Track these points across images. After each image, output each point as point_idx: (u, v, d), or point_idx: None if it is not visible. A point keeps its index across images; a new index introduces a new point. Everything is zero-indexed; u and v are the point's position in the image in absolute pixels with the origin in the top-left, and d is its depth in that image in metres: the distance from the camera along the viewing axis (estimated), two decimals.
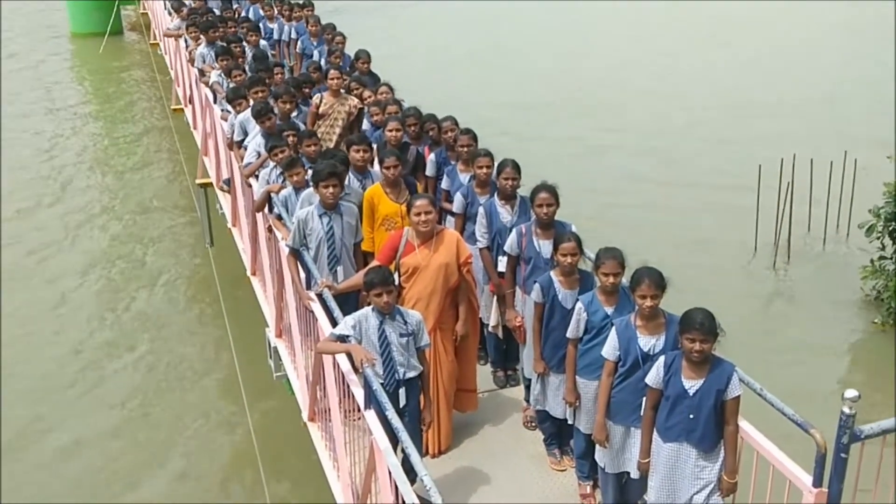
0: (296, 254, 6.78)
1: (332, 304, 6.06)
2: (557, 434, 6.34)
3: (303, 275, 6.80)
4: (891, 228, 11.02)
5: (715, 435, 4.83)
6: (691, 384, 4.78)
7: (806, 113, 19.13)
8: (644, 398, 5.07)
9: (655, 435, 5.00)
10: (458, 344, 6.43)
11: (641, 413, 5.10)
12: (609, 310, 5.48)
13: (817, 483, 4.43)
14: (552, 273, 5.94)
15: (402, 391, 5.55)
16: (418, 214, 6.09)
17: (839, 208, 13.26)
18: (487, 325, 7.14)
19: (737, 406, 4.78)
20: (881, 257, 11.47)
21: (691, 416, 4.80)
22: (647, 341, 5.13)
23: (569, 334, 5.62)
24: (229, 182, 10.37)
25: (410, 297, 6.16)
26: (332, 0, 26.93)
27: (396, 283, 6.04)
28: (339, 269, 6.74)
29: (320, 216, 6.72)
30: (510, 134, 16.90)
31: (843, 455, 4.30)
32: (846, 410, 4.23)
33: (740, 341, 10.27)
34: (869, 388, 10.14)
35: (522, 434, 6.77)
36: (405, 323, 5.55)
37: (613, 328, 5.23)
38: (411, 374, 5.59)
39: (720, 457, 4.86)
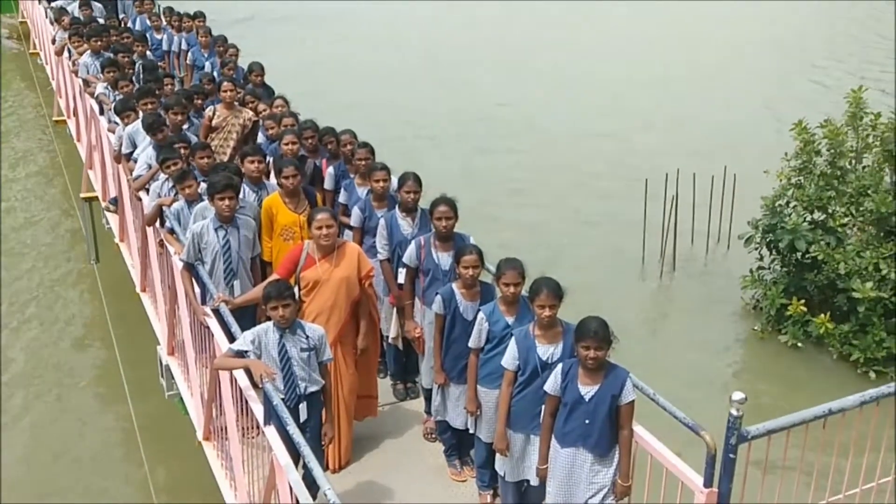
0: (190, 268, 6.62)
1: (230, 319, 5.95)
2: (458, 445, 6.38)
3: (197, 290, 6.65)
4: (768, 240, 11.57)
5: (610, 439, 4.97)
6: (587, 390, 4.90)
7: (689, 128, 19.89)
8: (542, 406, 5.16)
9: (553, 441, 5.09)
10: (358, 357, 6.40)
11: (541, 420, 5.19)
12: (510, 319, 5.57)
13: (708, 483, 4.59)
14: (453, 285, 5.99)
15: (302, 406, 5.48)
16: (319, 228, 6.05)
17: (720, 221, 13.84)
18: (387, 336, 7.14)
19: (631, 411, 4.93)
20: (759, 267, 12.03)
21: (587, 422, 4.91)
22: (546, 350, 5.23)
23: (471, 344, 5.67)
24: (116, 201, 10.05)
25: (311, 310, 6.10)
26: None
27: (297, 296, 5.98)
28: (237, 283, 6.64)
29: (216, 229, 6.61)
30: (405, 145, 16.97)
31: (731, 455, 4.48)
32: (733, 412, 4.40)
33: (630, 348, 10.55)
34: (752, 393, 10.59)
35: (423, 446, 6.79)
36: (307, 337, 5.49)
37: (513, 338, 5.29)
38: (312, 389, 5.53)
39: (615, 461, 5.00)
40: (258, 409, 5.26)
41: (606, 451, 4.98)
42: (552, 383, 5.01)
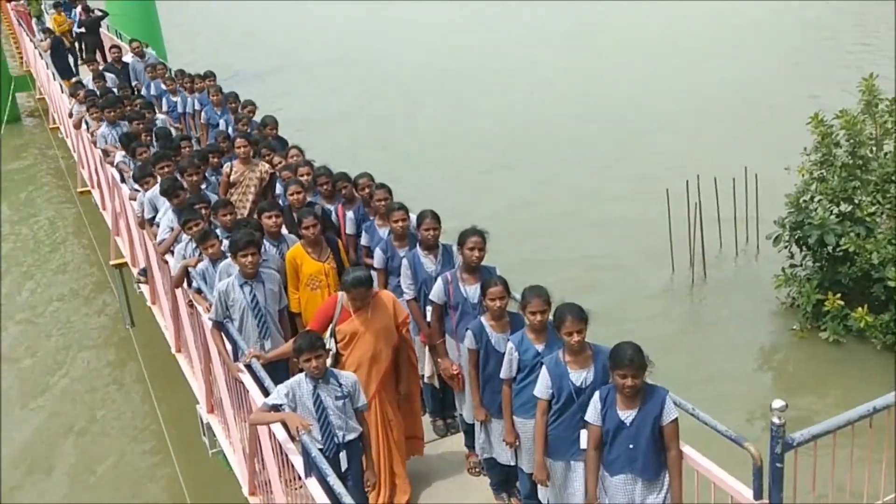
0: (220, 326, 6.67)
1: (262, 374, 5.96)
2: (505, 479, 6.33)
3: (229, 347, 6.69)
4: (797, 237, 11.46)
5: (657, 462, 4.89)
6: (627, 415, 4.84)
7: (699, 130, 19.81)
8: (581, 430, 5.11)
9: (602, 470, 5.01)
10: (401, 400, 6.39)
11: (582, 446, 5.14)
12: (539, 347, 5.53)
13: (758, 495, 4.52)
14: (482, 318, 5.95)
15: (342, 455, 5.46)
16: (354, 300, 6.00)
17: (746, 223, 13.73)
18: (423, 375, 7.12)
19: (675, 430, 4.85)
20: (791, 265, 11.90)
21: (631, 447, 4.84)
22: (578, 376, 5.18)
23: (502, 375, 5.64)
24: (145, 272, 10.19)
25: (351, 363, 6.04)
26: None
27: (333, 348, 6.01)
28: (269, 339, 6.64)
29: (241, 286, 6.61)
30: (419, 182, 17.07)
31: (778, 465, 4.41)
32: (776, 421, 4.33)
33: (667, 360, 10.48)
34: (797, 394, 10.46)
35: (468, 481, 6.73)
36: (339, 385, 5.47)
37: (543, 367, 5.24)
38: (351, 437, 5.50)
39: (665, 483, 4.91)
40: (298, 462, 5.26)
41: (655, 474, 4.90)
42: (592, 412, 4.96)
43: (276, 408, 5.39)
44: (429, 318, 6.65)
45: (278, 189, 9.31)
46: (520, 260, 12.58)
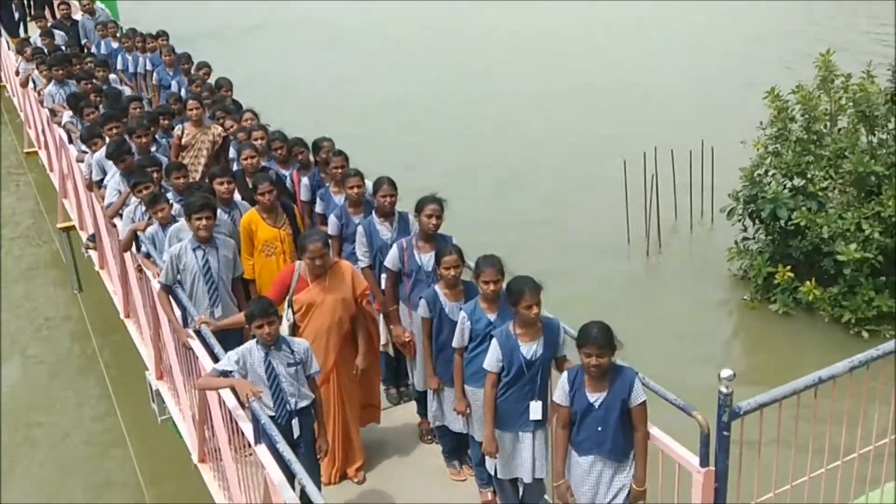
0: (168, 290, 6.54)
1: (212, 341, 5.87)
2: (456, 446, 6.34)
3: (179, 312, 6.57)
4: (750, 210, 11.58)
5: (626, 444, 4.88)
6: (596, 397, 4.81)
7: (658, 101, 19.87)
8: (530, 402, 5.16)
9: (570, 450, 4.98)
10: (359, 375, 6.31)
11: (531, 418, 5.20)
12: (492, 316, 5.52)
13: (704, 463, 4.56)
14: (436, 287, 5.93)
15: (295, 422, 5.42)
16: (312, 259, 5.91)
17: (702, 195, 13.84)
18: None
19: (643, 412, 4.80)
20: (744, 238, 12.04)
21: (599, 429, 4.82)
22: (529, 348, 5.21)
23: (454, 344, 5.64)
24: (94, 238, 9.96)
25: (308, 334, 5.97)
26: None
27: (290, 319, 5.95)
28: (219, 306, 6.53)
29: (194, 250, 6.49)
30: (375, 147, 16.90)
31: (725, 433, 4.44)
32: (723, 390, 4.36)
33: (620, 328, 10.57)
34: (747, 364, 10.64)
35: (421, 448, 6.76)
36: (292, 352, 5.42)
37: (494, 340, 5.23)
38: (303, 404, 5.46)
39: (631, 464, 4.91)
40: (248, 429, 5.20)
41: (624, 455, 4.89)
42: (560, 394, 4.91)
43: (226, 374, 5.31)
44: (383, 286, 6.62)
45: (231, 153, 9.17)
46: (472, 225, 12.52)
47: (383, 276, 6.60)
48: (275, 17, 29.88)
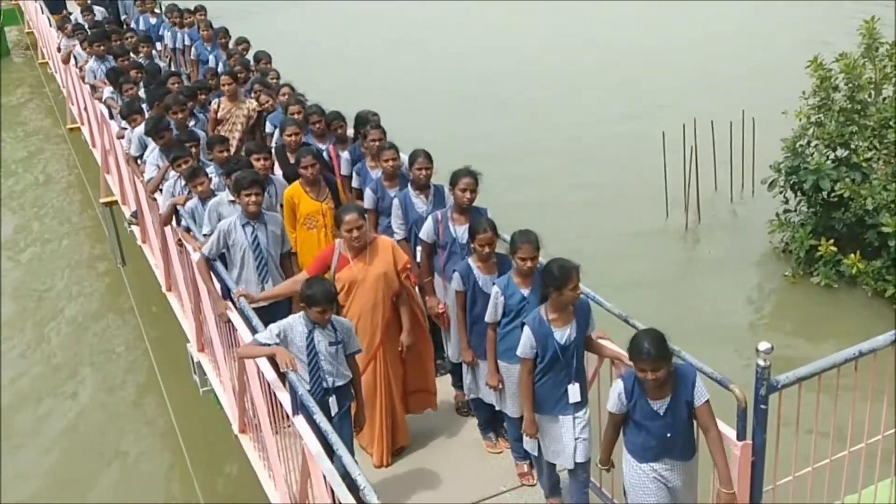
0: (208, 262, 6.60)
1: (250, 313, 5.93)
2: (491, 419, 6.36)
3: (219, 286, 6.65)
4: (792, 182, 11.39)
5: (692, 444, 4.76)
6: (659, 404, 4.60)
7: (698, 72, 19.57)
8: (567, 386, 5.18)
9: (629, 457, 4.79)
10: (408, 353, 6.25)
11: (570, 401, 5.20)
12: (525, 291, 5.51)
13: (741, 436, 4.54)
14: (470, 259, 5.93)
15: (331, 400, 5.41)
16: (350, 231, 5.81)
17: (742, 167, 13.64)
18: None
19: (709, 410, 4.61)
20: (786, 210, 11.86)
21: (669, 435, 4.63)
22: (563, 333, 5.16)
23: (487, 318, 5.64)
24: (136, 215, 10.11)
25: (352, 313, 5.89)
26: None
27: None
28: (269, 281, 6.55)
29: (243, 226, 6.48)
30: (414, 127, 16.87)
31: (762, 406, 4.42)
32: (761, 363, 4.34)
33: (658, 304, 10.55)
34: (788, 338, 10.52)
35: (456, 421, 6.79)
36: (335, 331, 5.37)
37: (526, 328, 5.17)
38: (340, 383, 5.44)
39: (696, 461, 4.81)
40: (286, 400, 5.26)
41: (691, 454, 4.78)
42: (616, 404, 4.68)
43: (265, 346, 5.34)
44: (419, 258, 6.64)
45: (268, 128, 9.22)
46: (509, 201, 12.49)
47: (418, 248, 6.62)
48: None
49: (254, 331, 5.70)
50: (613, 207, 13.81)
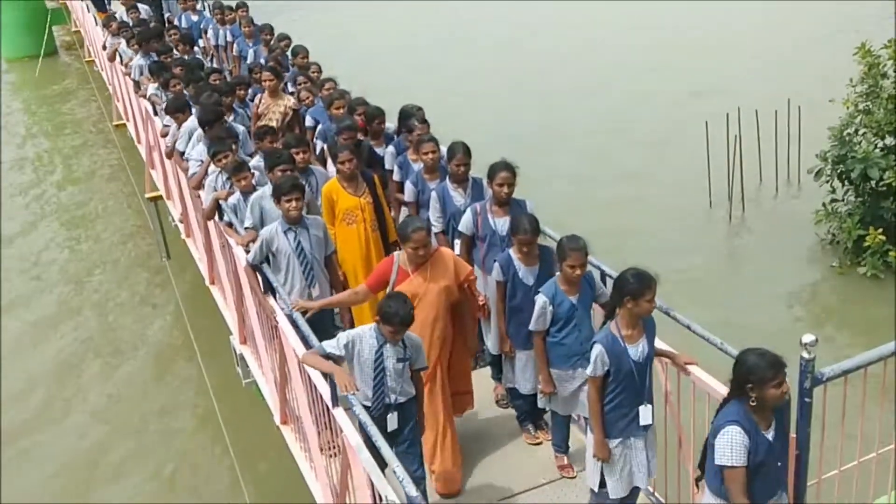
0: (255, 268, 6.54)
1: (306, 329, 5.72)
2: (530, 410, 6.35)
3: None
4: (839, 171, 11.19)
5: None
6: (771, 433, 4.29)
7: (742, 61, 19.27)
8: (639, 407, 4.95)
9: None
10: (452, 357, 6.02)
11: (642, 423, 4.98)
12: (573, 299, 5.44)
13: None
14: (510, 251, 5.91)
15: (391, 416, 5.23)
16: (416, 248, 5.58)
17: (788, 156, 13.41)
18: None
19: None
20: (833, 200, 11.65)
21: (779, 464, 4.34)
22: (636, 350, 4.91)
23: (534, 327, 5.54)
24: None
25: (413, 327, 5.48)
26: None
27: None
28: (316, 285, 6.46)
29: (285, 232, 6.38)
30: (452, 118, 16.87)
31: (806, 399, 4.34)
32: (805, 355, 4.26)
33: (704, 296, 10.44)
34: (834, 330, 10.33)
35: (495, 412, 6.79)
36: (404, 347, 5.17)
37: (598, 347, 4.84)
38: (402, 400, 5.25)
39: None
40: (326, 392, 5.28)
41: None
42: (736, 454, 4.14)
43: (330, 357, 5.19)
44: (457, 250, 6.64)
45: (308, 121, 9.27)
46: (549, 191, 12.44)
47: (457, 241, 6.62)
48: None
49: (305, 341, 5.65)
50: (656, 199, 13.67)
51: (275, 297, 6.44)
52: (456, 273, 5.78)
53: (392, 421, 5.21)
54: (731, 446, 4.14)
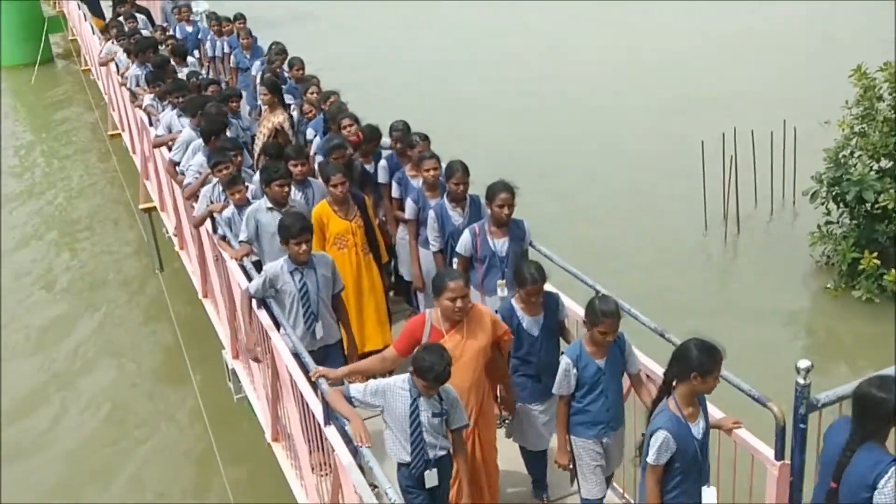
0: (251, 300, 6.26)
1: (325, 386, 5.19)
2: (543, 473, 5.92)
3: (265, 318, 6.30)
4: (834, 193, 11.21)
5: None
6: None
7: (736, 81, 19.35)
8: (703, 489, 4.53)
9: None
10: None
11: None
12: (600, 362, 5.11)
13: (779, 456, 4.46)
14: (513, 300, 5.56)
15: (429, 473, 4.90)
16: (453, 300, 5.08)
17: (783, 178, 13.44)
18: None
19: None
20: (828, 222, 11.66)
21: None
22: (698, 428, 4.48)
23: (558, 391, 5.21)
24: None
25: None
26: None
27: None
28: (318, 325, 6.20)
29: (291, 272, 6.11)
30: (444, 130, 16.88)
31: (801, 426, 4.32)
32: (800, 381, 4.24)
33: (696, 316, 10.41)
34: (829, 354, 10.33)
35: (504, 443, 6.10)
36: (440, 400, 4.80)
37: (662, 432, 4.35)
38: (441, 454, 4.93)
39: None
40: (318, 410, 5.24)
41: None
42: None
43: (351, 399, 4.88)
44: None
45: (309, 134, 9.23)
46: (545, 210, 12.42)
47: (454, 259, 6.58)
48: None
49: (297, 358, 5.58)
50: (651, 219, 13.67)
51: (277, 329, 6.18)
52: (493, 331, 5.30)
53: (431, 478, 4.89)
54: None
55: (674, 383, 4.42)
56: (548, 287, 5.48)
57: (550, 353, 5.56)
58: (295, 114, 9.81)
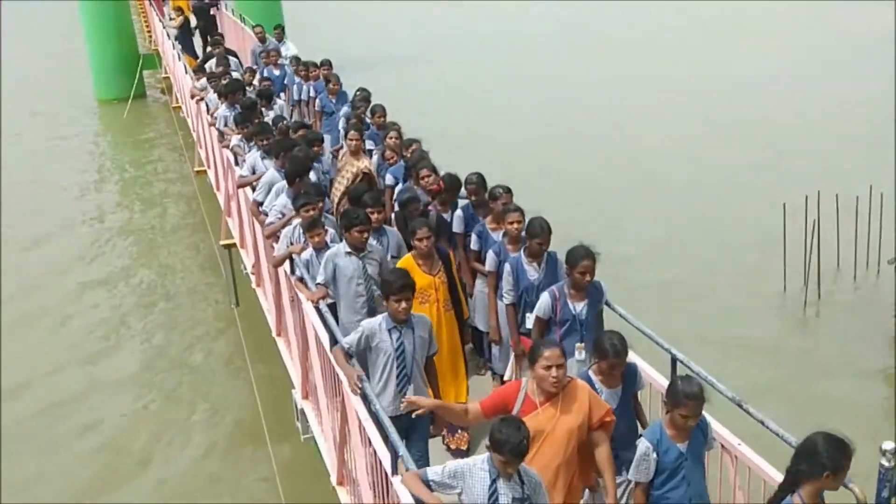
0: (345, 354, 6.00)
1: (396, 438, 5.06)
2: None
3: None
4: None
5: None
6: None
7: (822, 143, 19.00)
8: None
9: None
10: None
11: None
12: (682, 446, 4.85)
13: None
14: (590, 372, 5.41)
15: None
16: (549, 367, 4.84)
17: (868, 244, 13.08)
18: (501, 376, 7.11)
19: None
20: None
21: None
22: None
23: (634, 476, 4.95)
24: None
25: (534, 468, 4.76)
26: None
27: None
28: (410, 388, 6.00)
29: (389, 330, 5.94)
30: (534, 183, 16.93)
31: None
32: (885, 463, 4.10)
33: (773, 385, 10.12)
34: None
35: None
36: (522, 483, 4.47)
37: None
38: None
39: None
40: (386, 458, 5.22)
41: None
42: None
43: (429, 482, 4.62)
44: (528, 325, 6.54)
45: (389, 180, 9.33)
46: (621, 252, 12.30)
47: (528, 316, 6.52)
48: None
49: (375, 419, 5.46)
50: (728, 278, 13.41)
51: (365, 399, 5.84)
52: (590, 412, 4.99)
53: None
54: None
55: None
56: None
57: (627, 425, 5.44)
58: (375, 158, 9.97)
